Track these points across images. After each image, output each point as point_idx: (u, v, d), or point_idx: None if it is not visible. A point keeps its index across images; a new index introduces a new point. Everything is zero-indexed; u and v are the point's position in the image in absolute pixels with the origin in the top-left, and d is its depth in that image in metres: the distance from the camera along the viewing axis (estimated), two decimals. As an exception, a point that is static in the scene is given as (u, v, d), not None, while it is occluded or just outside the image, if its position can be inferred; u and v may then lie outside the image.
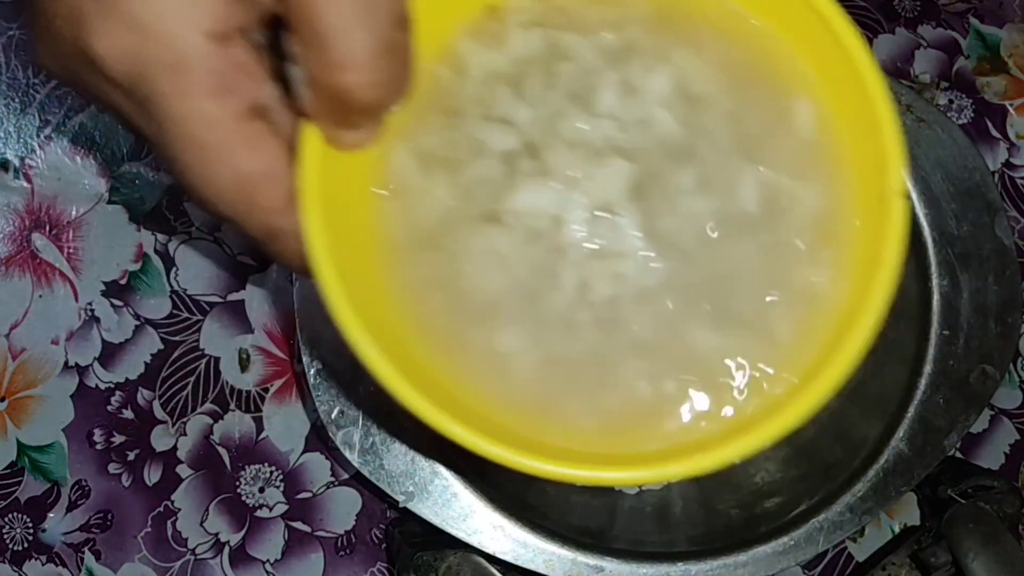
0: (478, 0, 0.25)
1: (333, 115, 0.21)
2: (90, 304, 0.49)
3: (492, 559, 0.41)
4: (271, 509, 0.49)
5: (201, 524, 0.49)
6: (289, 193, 0.21)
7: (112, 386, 0.49)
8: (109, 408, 0.49)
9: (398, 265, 0.24)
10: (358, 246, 0.23)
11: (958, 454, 0.50)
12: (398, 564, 0.45)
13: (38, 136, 0.49)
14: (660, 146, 0.25)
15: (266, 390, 0.49)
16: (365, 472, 0.41)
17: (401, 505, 0.41)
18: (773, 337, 0.24)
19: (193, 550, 0.48)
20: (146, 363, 0.49)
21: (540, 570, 0.41)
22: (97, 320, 0.49)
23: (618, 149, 0.24)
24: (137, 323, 0.49)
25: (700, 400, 0.24)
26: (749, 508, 0.44)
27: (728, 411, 0.25)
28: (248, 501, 0.49)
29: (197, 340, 0.49)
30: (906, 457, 0.41)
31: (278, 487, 0.49)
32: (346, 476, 0.49)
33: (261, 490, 0.49)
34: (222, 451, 0.49)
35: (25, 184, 0.49)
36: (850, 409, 0.45)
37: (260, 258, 0.49)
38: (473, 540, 0.41)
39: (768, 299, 0.24)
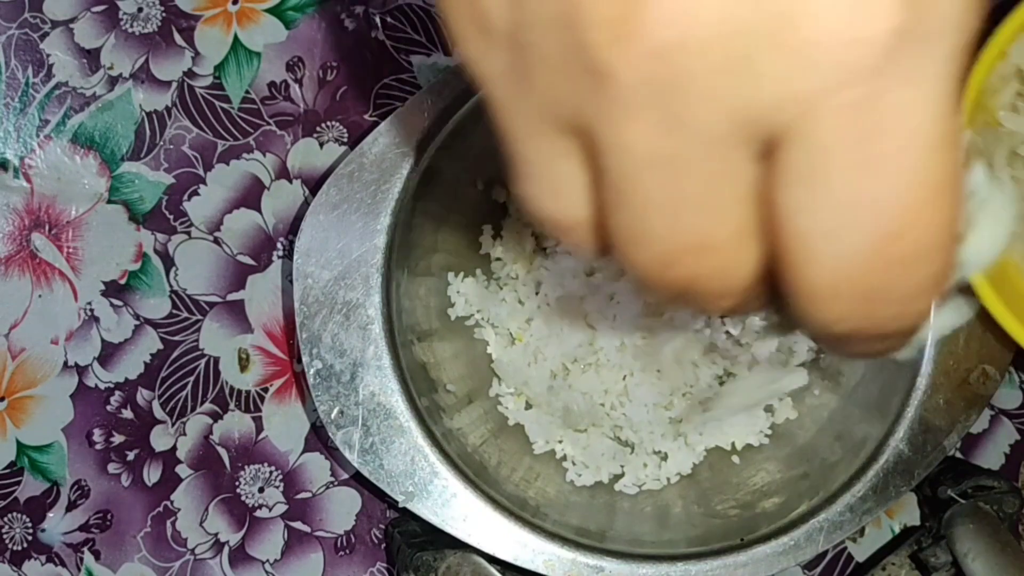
0: None
1: None
2: (89, 304, 0.49)
3: (492, 559, 0.41)
4: (271, 509, 0.49)
5: (201, 524, 0.49)
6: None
7: (112, 386, 0.49)
8: (109, 408, 0.49)
9: None
10: None
11: (958, 454, 0.50)
12: (398, 564, 0.45)
13: (38, 136, 0.49)
14: None
15: (266, 390, 0.49)
16: (365, 472, 0.41)
17: (401, 505, 0.41)
18: None
19: (192, 550, 0.48)
20: (146, 363, 0.49)
21: (540, 570, 0.41)
22: (97, 320, 0.49)
23: None
24: (137, 323, 0.49)
25: None
26: (749, 508, 0.44)
27: None
28: (248, 501, 0.49)
29: (197, 340, 0.49)
30: (906, 457, 0.41)
31: (278, 487, 0.49)
32: (346, 476, 0.49)
33: (261, 490, 0.49)
34: (222, 451, 0.49)
35: (25, 184, 0.49)
36: (850, 409, 0.45)
37: (258, 259, 0.50)
38: (473, 540, 0.41)
39: None
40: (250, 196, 0.50)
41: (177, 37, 0.50)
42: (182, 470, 0.49)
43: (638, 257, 0.18)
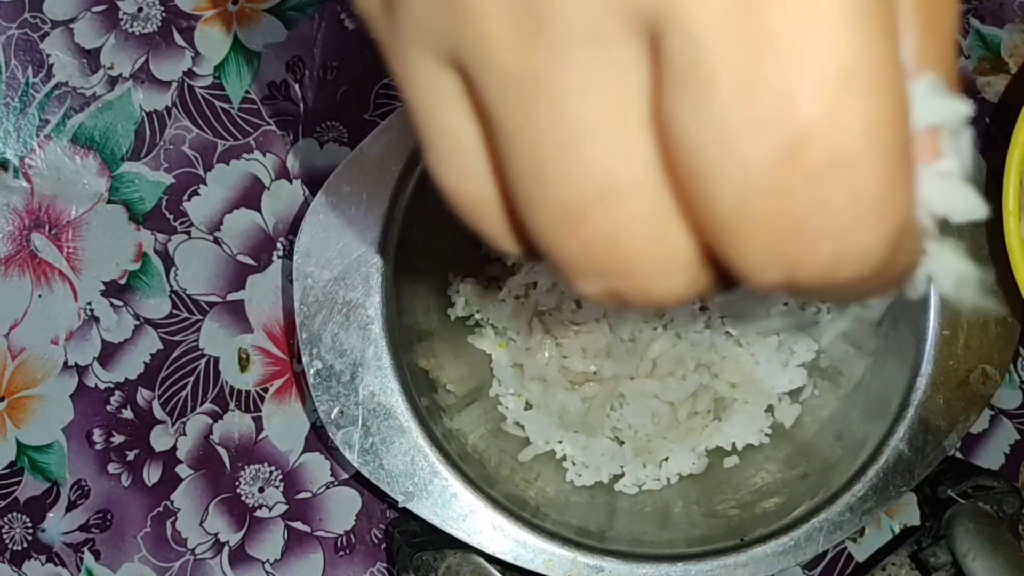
0: None
1: None
2: (89, 304, 0.49)
3: (492, 559, 0.41)
4: (271, 509, 0.49)
5: (201, 524, 0.49)
6: None
7: (112, 386, 0.49)
8: (108, 408, 0.49)
9: None
10: None
11: (958, 454, 0.50)
12: (398, 564, 0.45)
13: (38, 136, 0.49)
14: None
15: (266, 390, 0.49)
16: (365, 472, 0.41)
17: (401, 505, 0.41)
18: None
19: (193, 550, 0.48)
20: (145, 363, 0.49)
21: (540, 570, 0.41)
22: (96, 320, 0.49)
23: None
24: (136, 323, 0.49)
25: None
26: (749, 508, 0.44)
27: None
28: (248, 501, 0.49)
29: (197, 340, 0.49)
30: (906, 457, 0.41)
31: (278, 487, 0.49)
32: (346, 476, 0.49)
33: (261, 490, 0.49)
34: (222, 451, 0.49)
35: (25, 184, 0.49)
36: (850, 409, 0.45)
37: (258, 258, 0.50)
38: (473, 540, 0.41)
39: None
40: (250, 196, 0.50)
41: (177, 37, 0.50)
42: (182, 470, 0.49)
43: (541, 223, 0.15)
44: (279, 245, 0.50)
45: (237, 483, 0.49)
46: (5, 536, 0.48)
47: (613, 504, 0.46)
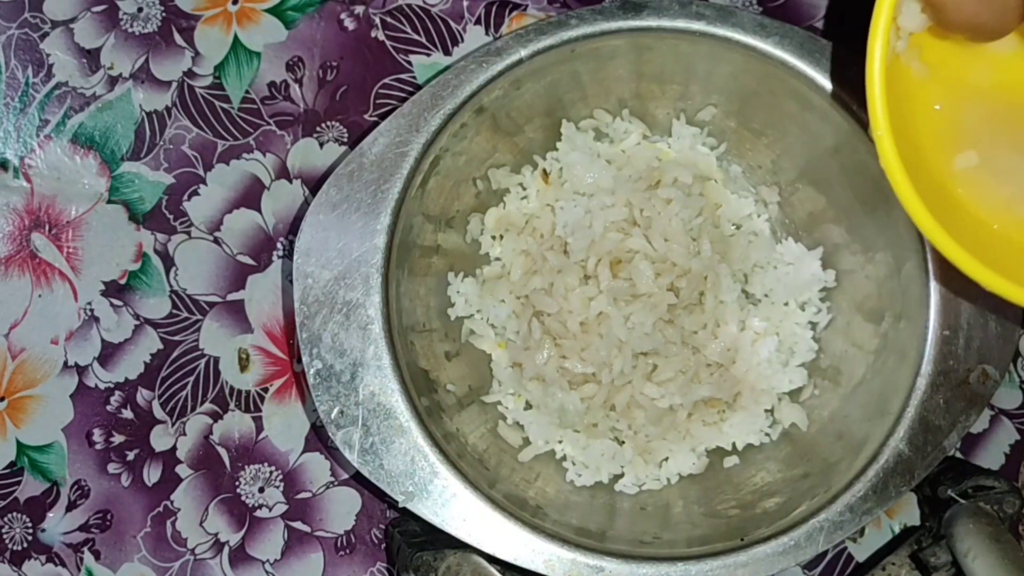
0: None
1: None
2: (89, 304, 0.49)
3: (492, 559, 0.41)
4: (271, 509, 0.49)
5: (201, 524, 0.49)
6: None
7: (111, 386, 0.49)
8: (108, 408, 0.49)
9: None
10: None
11: (958, 454, 0.50)
12: (398, 564, 0.45)
13: (38, 136, 0.49)
14: None
15: (266, 390, 0.49)
16: (365, 472, 0.41)
17: (401, 505, 0.41)
18: None
19: (193, 550, 0.48)
20: (145, 363, 0.49)
21: (540, 570, 0.41)
22: (96, 320, 0.49)
23: None
24: (136, 323, 0.49)
25: None
26: (749, 508, 0.44)
27: None
28: (248, 501, 0.49)
29: (196, 340, 0.49)
30: (906, 457, 0.41)
31: (278, 487, 0.49)
32: (346, 476, 0.49)
33: (261, 490, 0.49)
34: (222, 451, 0.49)
35: (25, 184, 0.49)
36: (850, 409, 0.45)
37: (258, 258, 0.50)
38: (473, 540, 0.41)
39: None
40: (250, 196, 0.50)
41: (177, 37, 0.50)
42: (182, 470, 0.49)
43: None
44: (279, 245, 0.50)
45: (237, 483, 0.49)
46: (5, 536, 0.48)
47: (613, 504, 0.46)
